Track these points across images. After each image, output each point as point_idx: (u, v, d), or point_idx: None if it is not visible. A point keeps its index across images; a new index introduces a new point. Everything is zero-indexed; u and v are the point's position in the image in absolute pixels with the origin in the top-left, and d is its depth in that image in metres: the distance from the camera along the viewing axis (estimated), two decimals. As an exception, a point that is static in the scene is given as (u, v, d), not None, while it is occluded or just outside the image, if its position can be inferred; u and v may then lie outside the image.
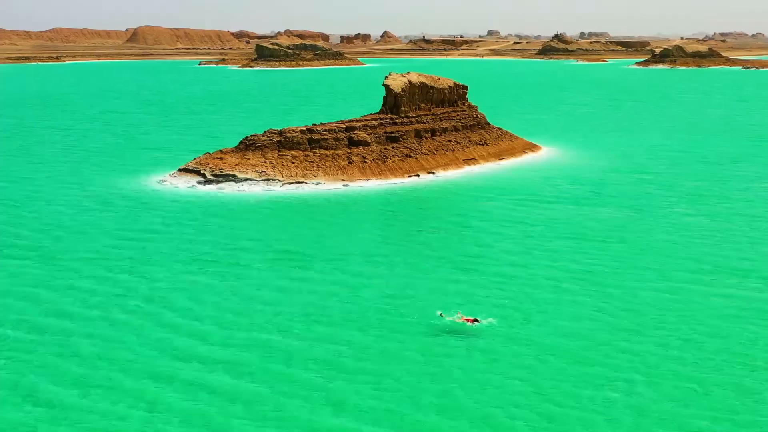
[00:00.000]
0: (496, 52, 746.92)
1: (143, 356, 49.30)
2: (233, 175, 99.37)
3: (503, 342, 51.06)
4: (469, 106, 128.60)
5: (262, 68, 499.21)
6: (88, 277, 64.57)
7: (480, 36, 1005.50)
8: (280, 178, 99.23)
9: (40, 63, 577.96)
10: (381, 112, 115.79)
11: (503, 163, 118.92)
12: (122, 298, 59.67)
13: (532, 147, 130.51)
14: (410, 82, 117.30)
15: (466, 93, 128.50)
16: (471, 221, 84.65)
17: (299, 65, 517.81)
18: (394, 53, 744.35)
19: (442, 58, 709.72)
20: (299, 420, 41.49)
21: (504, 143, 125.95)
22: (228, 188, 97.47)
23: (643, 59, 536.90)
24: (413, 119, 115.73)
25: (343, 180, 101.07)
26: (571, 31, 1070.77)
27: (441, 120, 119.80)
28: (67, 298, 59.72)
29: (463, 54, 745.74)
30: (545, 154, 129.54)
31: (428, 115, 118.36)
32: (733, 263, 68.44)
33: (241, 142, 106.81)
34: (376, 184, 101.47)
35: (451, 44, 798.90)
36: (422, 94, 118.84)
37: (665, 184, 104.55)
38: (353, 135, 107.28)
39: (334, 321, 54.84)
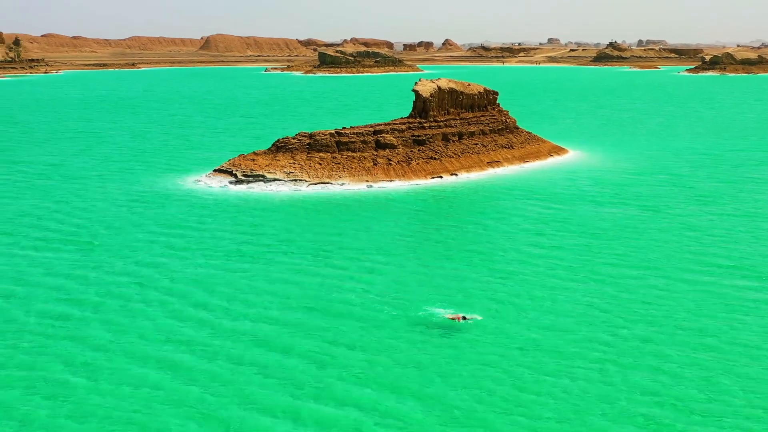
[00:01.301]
0: (552, 59, 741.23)
1: (152, 343, 51.29)
2: (263, 176, 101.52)
3: (493, 335, 51.87)
4: (500, 110, 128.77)
5: (323, 74, 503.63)
6: (117, 269, 67.14)
7: (540, 43, 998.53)
8: (307, 179, 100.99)
9: (116, 69, 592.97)
10: (410, 116, 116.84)
11: (527, 165, 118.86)
12: (144, 288, 62.00)
13: (559, 150, 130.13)
14: (439, 87, 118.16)
15: (496, 98, 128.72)
16: (487, 220, 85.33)
17: (360, 71, 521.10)
18: (453, 60, 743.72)
19: (499, 65, 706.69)
20: (284, 405, 42.91)
21: (530, 146, 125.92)
22: (257, 188, 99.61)
23: (693, 66, 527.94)
24: (441, 123, 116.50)
25: (367, 181, 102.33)
26: (630, 39, 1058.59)
27: (469, 124, 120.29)
28: (94, 287, 62.23)
29: (520, 61, 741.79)
30: (571, 157, 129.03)
31: (456, 120, 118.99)
32: (734, 262, 68.15)
33: (273, 144, 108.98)
34: (398, 185, 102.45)
35: (508, 51, 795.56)
36: (451, 99, 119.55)
37: (685, 186, 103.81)
38: (380, 138, 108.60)
39: (337, 313, 56.22)
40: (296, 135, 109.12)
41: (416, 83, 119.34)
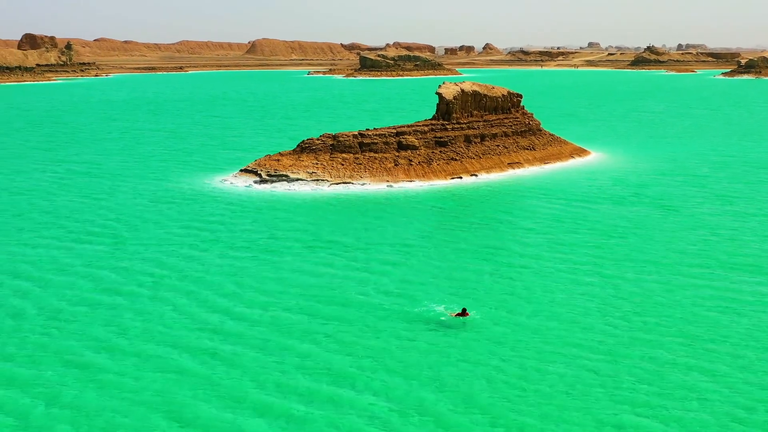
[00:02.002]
0: (590, 63, 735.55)
1: (175, 329, 53.49)
2: (286, 176, 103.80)
3: (503, 328, 52.97)
4: (523, 113, 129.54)
5: (364, 78, 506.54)
6: (147, 261, 69.74)
7: (580, 47, 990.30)
8: (329, 179, 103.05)
9: (164, 72, 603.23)
10: (433, 118, 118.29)
11: (547, 167, 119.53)
12: (171, 279, 64.41)
13: (581, 152, 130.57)
14: (463, 90, 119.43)
15: (520, 101, 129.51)
16: (505, 218, 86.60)
17: (400, 75, 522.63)
18: (492, 64, 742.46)
19: (538, 68, 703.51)
20: (298, 388, 44.63)
21: (552, 148, 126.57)
22: (280, 187, 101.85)
23: (728, 70, 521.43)
24: (464, 125, 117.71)
25: (388, 181, 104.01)
26: (670, 43, 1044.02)
27: (492, 126, 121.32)
28: (124, 278, 64.80)
29: (558, 65, 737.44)
30: (592, 158, 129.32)
31: (479, 122, 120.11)
32: (749, 260, 68.51)
33: (298, 145, 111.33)
34: (418, 185, 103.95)
35: (547, 55, 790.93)
36: (475, 102, 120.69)
37: (703, 186, 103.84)
38: (402, 139, 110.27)
39: (355, 305, 57.78)
40: (320, 136, 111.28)
41: (440, 86, 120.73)
